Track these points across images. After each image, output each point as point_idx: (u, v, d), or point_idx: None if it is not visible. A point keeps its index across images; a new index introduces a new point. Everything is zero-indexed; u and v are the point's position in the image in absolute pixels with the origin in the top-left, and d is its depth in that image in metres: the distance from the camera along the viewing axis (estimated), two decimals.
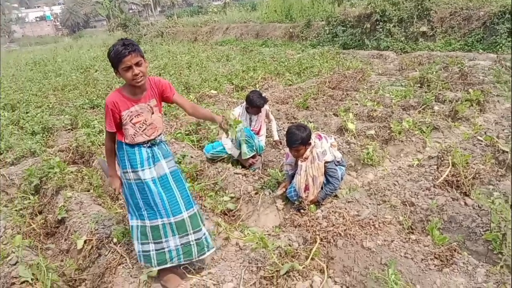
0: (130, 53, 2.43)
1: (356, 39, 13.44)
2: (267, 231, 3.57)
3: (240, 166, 4.79)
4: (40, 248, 3.63)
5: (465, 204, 3.24)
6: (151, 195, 2.73)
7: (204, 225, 2.98)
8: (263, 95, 4.72)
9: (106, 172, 3.03)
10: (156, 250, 2.82)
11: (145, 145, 2.72)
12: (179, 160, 4.76)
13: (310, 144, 3.60)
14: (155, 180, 2.75)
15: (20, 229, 3.83)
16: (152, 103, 2.68)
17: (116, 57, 2.44)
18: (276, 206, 3.85)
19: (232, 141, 4.75)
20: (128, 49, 2.42)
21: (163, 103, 2.85)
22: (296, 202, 3.75)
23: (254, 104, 4.60)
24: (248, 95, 4.68)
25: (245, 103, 4.77)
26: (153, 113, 2.69)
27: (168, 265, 2.85)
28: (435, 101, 6.23)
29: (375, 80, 8.49)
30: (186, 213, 2.83)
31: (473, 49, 10.24)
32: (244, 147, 4.58)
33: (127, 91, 2.61)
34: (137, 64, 2.47)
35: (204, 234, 2.94)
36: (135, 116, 2.62)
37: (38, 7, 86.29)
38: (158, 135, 2.78)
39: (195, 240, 2.89)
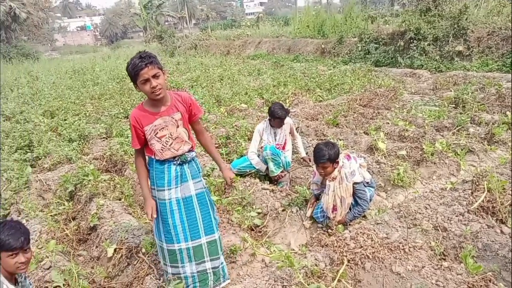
0: (147, 65, 2.37)
1: (388, 56, 13.30)
2: (293, 249, 3.55)
3: (268, 182, 4.80)
4: (72, 254, 3.75)
5: (501, 232, 3.12)
6: (172, 216, 2.70)
7: (222, 254, 2.95)
8: (285, 107, 4.73)
9: None
10: (172, 273, 2.84)
11: (175, 162, 2.67)
12: (208, 173, 4.82)
13: (337, 163, 3.57)
14: (179, 201, 2.71)
15: (54, 235, 3.96)
16: (177, 117, 2.61)
17: (133, 71, 2.39)
18: (303, 224, 3.83)
19: (259, 156, 4.78)
20: (144, 62, 2.37)
21: None
22: (322, 223, 3.73)
23: (275, 116, 4.61)
24: (270, 107, 4.71)
25: (268, 117, 4.79)
26: (178, 126, 2.63)
27: None
28: (470, 123, 6.06)
29: (407, 99, 8.36)
30: (205, 238, 2.81)
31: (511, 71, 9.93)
32: (271, 165, 4.60)
33: (149, 105, 2.57)
34: (155, 76, 2.41)
35: (222, 263, 2.93)
36: (159, 130, 2.57)
37: (80, 17, 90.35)
38: (188, 151, 2.72)
39: (212, 268, 2.88)
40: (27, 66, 22.68)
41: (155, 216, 2.70)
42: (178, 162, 2.68)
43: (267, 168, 4.73)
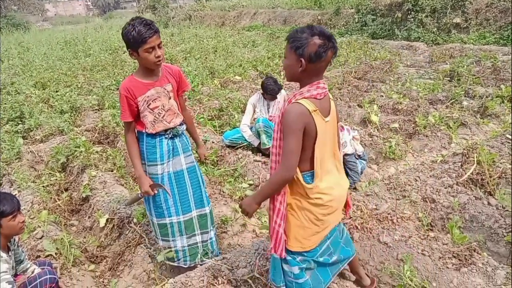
0: (155, 33, 2.30)
1: (386, 28, 13.10)
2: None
3: (261, 154, 4.80)
4: (65, 224, 3.77)
5: (489, 203, 3.16)
6: (163, 191, 2.67)
7: (212, 229, 2.96)
8: (278, 81, 4.67)
9: (133, 200, 3.01)
10: (163, 247, 2.86)
11: (166, 135, 2.62)
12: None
13: None
14: (170, 175, 2.69)
15: (46, 205, 3.98)
16: (168, 88, 2.57)
17: (139, 37, 2.26)
18: None
19: (251, 129, 4.76)
20: (152, 29, 2.29)
21: None
22: None
23: (268, 90, 4.57)
24: (263, 81, 4.65)
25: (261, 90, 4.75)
26: (170, 98, 2.58)
27: (175, 264, 2.90)
28: (465, 96, 6.05)
29: (402, 72, 8.29)
30: (195, 212, 2.83)
31: (508, 43, 9.82)
32: (264, 137, 4.59)
33: (141, 75, 2.49)
34: (159, 46, 2.35)
35: (211, 238, 2.95)
36: (152, 101, 2.51)
37: None
38: (179, 124, 2.68)
39: (202, 242, 2.90)
40: (17, 37, 22.18)
41: (156, 192, 2.63)
42: (169, 136, 2.64)
43: (259, 142, 4.72)
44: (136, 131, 2.65)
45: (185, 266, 2.90)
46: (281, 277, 2.18)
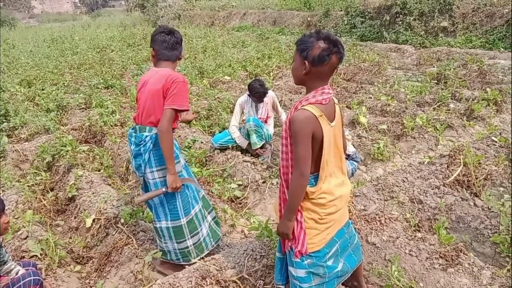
0: None
1: (374, 31, 13.23)
2: (273, 220, 3.59)
3: (250, 154, 4.79)
4: (50, 224, 3.71)
5: (475, 205, 3.21)
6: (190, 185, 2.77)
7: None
8: (265, 85, 4.66)
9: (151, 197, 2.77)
10: (194, 244, 2.87)
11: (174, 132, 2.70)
12: (189, 145, 4.78)
13: None
14: (185, 166, 2.82)
15: (31, 205, 3.90)
16: None
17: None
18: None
19: (240, 130, 4.74)
20: None
21: None
22: None
23: (254, 92, 4.56)
24: (250, 83, 4.63)
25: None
26: None
27: (205, 254, 2.94)
28: (451, 98, 6.13)
29: (391, 74, 8.37)
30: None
31: (494, 47, 10.00)
32: (254, 137, 4.57)
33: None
34: None
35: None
36: None
37: None
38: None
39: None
40: (3, 34, 21.78)
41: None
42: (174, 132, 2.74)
43: (249, 144, 4.70)
44: None
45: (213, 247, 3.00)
46: (281, 276, 2.22)
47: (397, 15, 12.44)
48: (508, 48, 9.70)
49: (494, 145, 4.22)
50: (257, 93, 4.51)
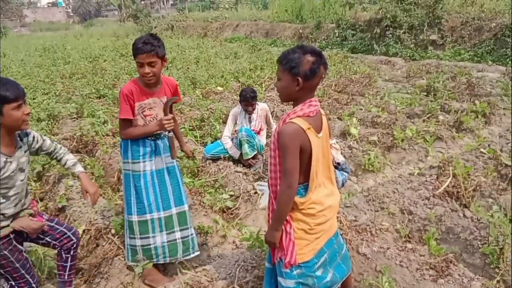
0: (145, 52, 2.48)
1: (365, 43, 13.43)
2: (264, 231, 3.58)
3: (242, 165, 4.80)
4: None
5: (464, 216, 3.24)
6: (146, 187, 2.78)
7: (191, 227, 2.99)
8: (257, 93, 4.74)
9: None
10: (142, 245, 2.84)
11: (149, 138, 2.77)
12: (180, 155, 4.78)
13: None
14: (152, 173, 2.82)
15: None
16: (164, 100, 2.75)
17: (133, 50, 2.53)
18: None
19: (232, 140, 4.76)
20: (145, 48, 2.48)
21: None
22: None
23: (244, 97, 4.60)
24: (241, 90, 4.72)
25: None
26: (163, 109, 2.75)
27: (154, 261, 2.87)
28: (441, 110, 6.22)
29: (381, 86, 8.48)
30: (175, 209, 2.89)
31: (482, 60, 10.20)
32: (246, 147, 4.59)
33: (142, 83, 2.67)
34: (150, 64, 2.52)
35: (192, 234, 2.97)
36: (147, 109, 2.70)
37: None
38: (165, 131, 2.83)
39: (181, 238, 2.91)
40: None
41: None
42: (152, 138, 2.79)
43: (241, 154, 4.72)
44: None
45: (167, 262, 2.93)
46: (270, 287, 2.21)
47: (387, 28, 12.65)
48: (495, 61, 9.90)
49: (483, 156, 4.28)
50: (243, 96, 4.58)
